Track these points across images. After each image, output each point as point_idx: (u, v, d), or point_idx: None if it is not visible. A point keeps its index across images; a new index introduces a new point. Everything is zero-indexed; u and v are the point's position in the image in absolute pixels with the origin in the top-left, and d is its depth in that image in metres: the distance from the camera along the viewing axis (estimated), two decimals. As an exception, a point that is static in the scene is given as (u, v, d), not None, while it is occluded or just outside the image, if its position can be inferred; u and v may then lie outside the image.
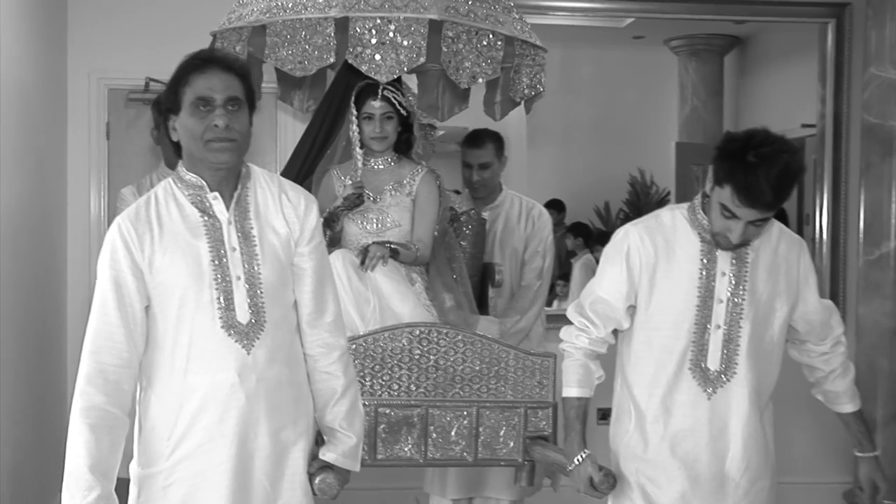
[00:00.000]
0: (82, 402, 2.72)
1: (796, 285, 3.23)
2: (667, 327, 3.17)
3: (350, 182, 4.09)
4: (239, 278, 2.81)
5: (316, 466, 2.95)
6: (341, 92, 4.34)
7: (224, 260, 2.82)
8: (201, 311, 2.79)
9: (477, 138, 4.87)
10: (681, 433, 3.17)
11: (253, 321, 2.80)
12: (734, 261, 3.15)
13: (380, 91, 4.09)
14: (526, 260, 4.88)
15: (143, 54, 5.75)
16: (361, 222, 4.10)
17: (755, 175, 2.91)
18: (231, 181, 2.89)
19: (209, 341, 2.78)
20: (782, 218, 7.49)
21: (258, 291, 2.83)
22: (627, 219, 8.79)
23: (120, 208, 4.56)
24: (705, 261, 3.16)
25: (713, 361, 3.15)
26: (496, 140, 4.88)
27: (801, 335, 3.29)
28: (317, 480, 2.91)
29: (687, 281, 3.16)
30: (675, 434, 3.17)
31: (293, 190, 2.99)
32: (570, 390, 3.29)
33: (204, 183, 2.85)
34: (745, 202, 2.96)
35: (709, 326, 3.14)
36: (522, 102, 4.49)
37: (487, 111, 4.60)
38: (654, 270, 3.18)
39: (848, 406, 3.34)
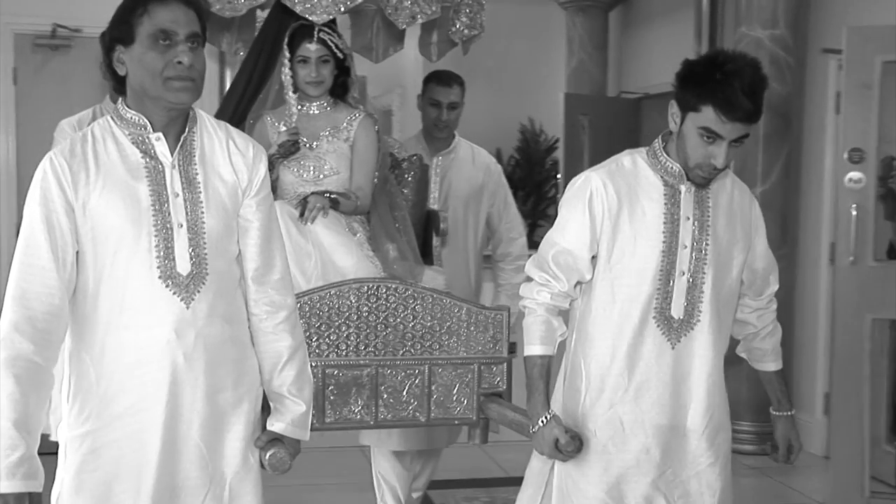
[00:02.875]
0: (7, 351, 2.16)
1: (749, 233, 2.70)
2: (631, 275, 2.58)
3: (284, 128, 3.32)
4: (181, 226, 2.25)
5: (265, 440, 2.35)
6: (273, 33, 3.52)
7: (165, 205, 2.25)
8: (137, 259, 2.22)
9: (446, 77, 4.10)
10: (644, 385, 2.59)
11: (194, 272, 2.25)
12: (697, 205, 2.60)
13: (315, 33, 3.31)
14: (505, 223, 4.22)
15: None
16: (298, 170, 3.34)
17: (732, 88, 2.44)
18: (179, 123, 2.31)
19: (145, 293, 2.22)
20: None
21: (201, 241, 2.27)
22: (518, 165, 8.33)
23: (58, 139, 3.76)
24: (669, 205, 2.59)
25: (677, 309, 2.58)
26: (462, 82, 4.14)
27: (742, 287, 2.74)
28: (267, 456, 2.32)
29: (652, 226, 2.58)
30: (639, 386, 2.59)
31: (241, 137, 2.40)
32: (533, 348, 2.64)
33: (147, 122, 2.27)
34: (729, 116, 2.44)
35: (673, 273, 2.58)
36: (461, 43, 3.78)
37: (423, 52, 3.89)
38: (618, 217, 2.58)
39: (772, 365, 2.80)
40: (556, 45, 6.77)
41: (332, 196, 3.21)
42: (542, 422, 2.58)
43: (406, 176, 3.61)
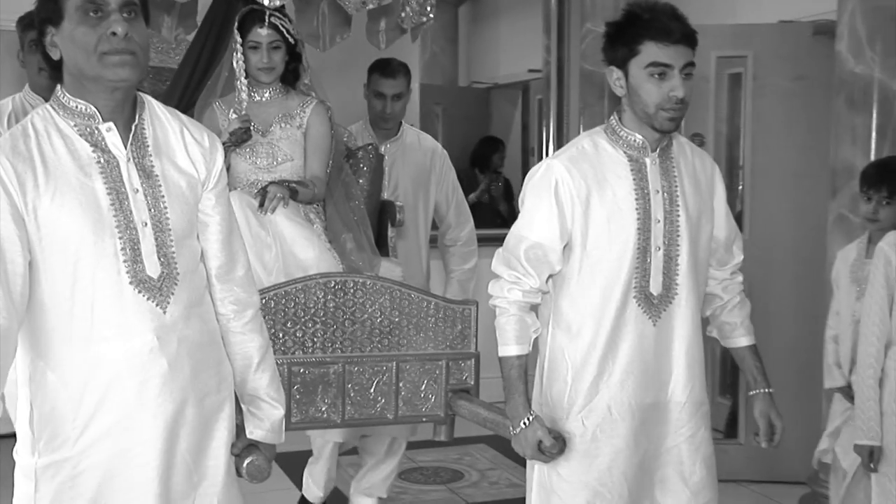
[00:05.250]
0: None
1: (712, 199, 2.39)
2: (612, 258, 2.25)
3: (234, 116, 2.83)
4: (145, 224, 1.83)
5: (241, 447, 1.99)
6: (221, 17, 3.02)
7: (126, 203, 1.81)
8: (104, 266, 1.79)
9: (391, 68, 3.59)
10: (629, 366, 2.27)
11: (165, 274, 1.84)
12: (663, 176, 2.29)
13: (266, 18, 2.84)
14: (454, 208, 3.79)
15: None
16: (251, 157, 2.87)
17: (659, 19, 2.18)
18: (127, 109, 1.85)
19: (117, 301, 1.80)
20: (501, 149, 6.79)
21: (167, 239, 1.85)
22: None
23: None
24: (637, 179, 2.26)
25: (655, 285, 2.26)
26: (407, 70, 3.66)
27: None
28: (245, 464, 1.95)
29: (624, 203, 2.25)
30: (625, 368, 2.26)
31: (195, 126, 1.97)
32: (508, 348, 2.28)
33: (95, 111, 1.81)
34: (669, 39, 2.16)
35: (649, 248, 2.26)
36: (409, 30, 3.38)
37: (371, 40, 3.46)
38: (588, 201, 2.24)
39: (744, 339, 2.46)
40: (408, 39, 6.45)
41: (291, 185, 2.77)
42: (525, 423, 2.25)
43: (361, 166, 3.16)
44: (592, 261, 2.26)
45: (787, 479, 4.27)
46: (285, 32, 2.89)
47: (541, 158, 6.06)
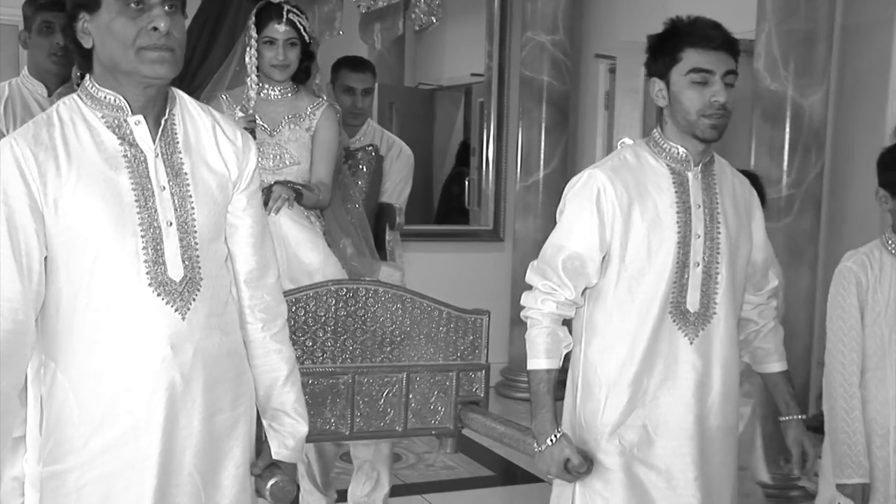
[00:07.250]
0: None
1: (750, 222, 2.21)
2: (651, 272, 2.04)
3: (241, 115, 2.52)
4: (170, 224, 1.64)
5: (262, 466, 1.77)
6: (217, 8, 2.70)
7: (151, 201, 1.63)
8: (123, 266, 1.60)
9: (359, 62, 3.38)
10: (664, 384, 2.06)
11: (188, 277, 1.64)
12: (705, 192, 2.10)
13: (284, 13, 2.54)
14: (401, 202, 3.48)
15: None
16: (258, 158, 2.58)
17: (700, 28, 2.04)
18: (158, 104, 1.67)
19: (133, 304, 1.61)
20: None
21: (192, 241, 1.66)
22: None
23: None
24: (679, 192, 2.07)
25: (692, 302, 2.06)
26: (372, 65, 3.45)
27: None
28: (268, 485, 1.73)
29: (665, 216, 2.05)
30: (660, 386, 2.06)
31: (227, 124, 1.77)
32: (538, 361, 2.06)
33: (124, 103, 1.63)
34: (711, 45, 2.01)
35: (688, 264, 2.06)
36: (416, 30, 3.17)
37: (365, 39, 3.26)
38: (629, 213, 2.03)
39: (777, 365, 2.27)
40: (356, 40, 6.22)
41: (296, 187, 2.47)
42: (552, 441, 2.02)
43: (361, 167, 2.87)
44: (631, 274, 2.06)
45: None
46: (302, 30, 2.59)
47: (481, 158, 5.91)
